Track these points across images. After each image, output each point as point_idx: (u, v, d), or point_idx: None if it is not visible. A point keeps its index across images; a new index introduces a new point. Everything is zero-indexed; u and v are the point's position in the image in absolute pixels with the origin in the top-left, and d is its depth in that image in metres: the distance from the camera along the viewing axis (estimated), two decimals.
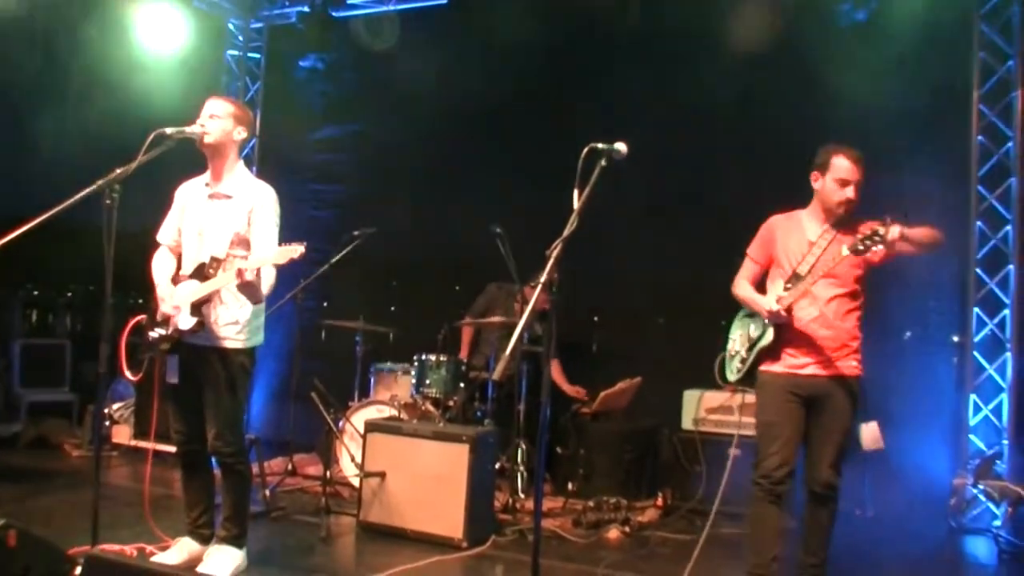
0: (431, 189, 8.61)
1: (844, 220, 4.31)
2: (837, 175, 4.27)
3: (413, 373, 6.99)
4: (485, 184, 8.23)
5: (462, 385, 6.87)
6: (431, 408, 6.68)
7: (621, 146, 3.62)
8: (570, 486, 6.82)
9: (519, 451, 6.61)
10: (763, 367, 4.41)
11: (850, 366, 4.30)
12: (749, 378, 4.47)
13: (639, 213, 7.41)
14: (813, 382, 4.27)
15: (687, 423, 6.72)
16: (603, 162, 3.57)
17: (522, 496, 6.44)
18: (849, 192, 4.26)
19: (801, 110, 7.06)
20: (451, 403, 6.74)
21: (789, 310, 4.21)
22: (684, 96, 7.60)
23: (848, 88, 6.72)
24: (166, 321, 4.40)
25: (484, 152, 8.44)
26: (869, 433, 5.96)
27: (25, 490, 6.29)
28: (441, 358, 6.84)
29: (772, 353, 4.34)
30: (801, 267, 4.25)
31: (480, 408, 6.98)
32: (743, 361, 4.45)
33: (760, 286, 4.53)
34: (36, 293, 10.18)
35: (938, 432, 6.74)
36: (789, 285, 4.25)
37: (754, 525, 4.39)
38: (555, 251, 3.39)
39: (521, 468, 6.59)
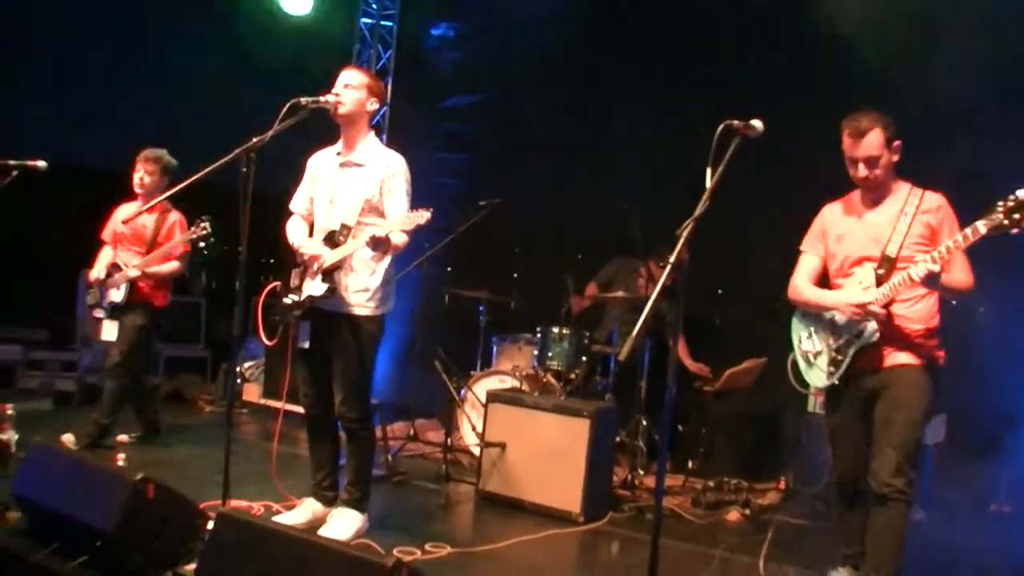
0: (557, 159, 8.58)
1: (900, 194, 4.04)
2: (846, 154, 4.06)
3: (536, 344, 7.01)
4: (612, 156, 8.15)
5: (584, 359, 6.84)
6: (552, 380, 6.68)
7: (757, 123, 3.48)
8: (690, 464, 6.73)
9: (639, 427, 6.56)
10: None
11: (918, 355, 3.95)
12: (846, 379, 4.08)
13: (768, 188, 7.21)
14: (876, 375, 3.99)
15: (812, 406, 6.54)
16: (738, 140, 3.46)
17: (641, 472, 6.39)
18: (861, 170, 4.00)
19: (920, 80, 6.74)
20: (572, 376, 6.73)
21: (888, 305, 3.90)
22: (818, 73, 7.34)
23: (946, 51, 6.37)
24: (299, 288, 4.50)
25: (612, 124, 8.35)
26: (934, 426, 5.31)
27: (161, 443, 6.58)
28: (564, 331, 6.81)
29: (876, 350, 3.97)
30: (890, 248, 3.94)
31: (601, 382, 6.95)
32: (835, 363, 4.07)
33: (823, 283, 4.28)
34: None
35: None
36: (881, 270, 3.94)
37: (837, 521, 4.35)
38: (686, 231, 3.31)
39: (641, 444, 6.54)
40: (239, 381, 8.32)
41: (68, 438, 6.03)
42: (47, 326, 9.09)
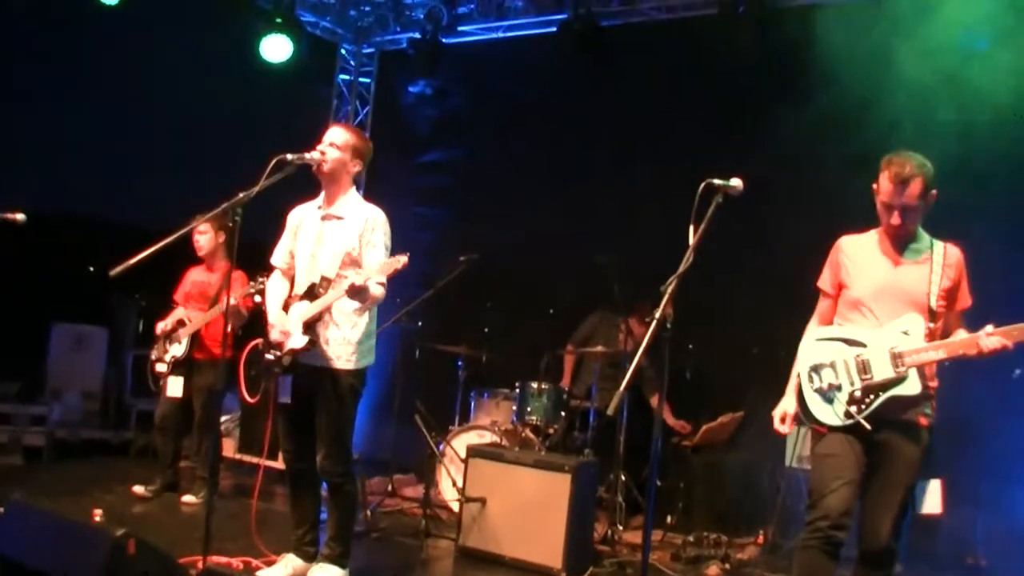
0: (533, 215, 8.64)
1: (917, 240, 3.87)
2: (880, 196, 3.79)
3: (514, 399, 7.01)
4: (589, 211, 8.23)
5: (563, 413, 6.86)
6: (531, 435, 6.68)
7: (737, 182, 3.57)
8: (668, 519, 6.74)
9: (618, 482, 6.56)
10: None
11: (924, 414, 3.78)
12: (869, 422, 3.72)
13: (736, 238, 7.27)
14: (884, 428, 3.73)
15: (790, 460, 6.54)
16: (719, 199, 3.53)
17: (620, 527, 6.38)
18: (895, 218, 3.74)
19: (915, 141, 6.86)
20: (551, 431, 6.74)
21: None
22: (792, 128, 7.46)
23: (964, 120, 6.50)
24: (280, 344, 4.51)
25: (589, 179, 8.45)
26: (930, 494, 5.17)
27: (134, 498, 6.48)
28: (543, 386, 6.83)
29: (915, 401, 3.73)
30: (931, 300, 3.74)
31: (580, 437, 6.96)
32: (857, 403, 3.71)
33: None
34: (145, 304, 10.48)
35: None
36: (931, 323, 3.72)
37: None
38: (670, 288, 3.36)
39: (620, 499, 6.53)
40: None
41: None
42: (16, 378, 8.98)
